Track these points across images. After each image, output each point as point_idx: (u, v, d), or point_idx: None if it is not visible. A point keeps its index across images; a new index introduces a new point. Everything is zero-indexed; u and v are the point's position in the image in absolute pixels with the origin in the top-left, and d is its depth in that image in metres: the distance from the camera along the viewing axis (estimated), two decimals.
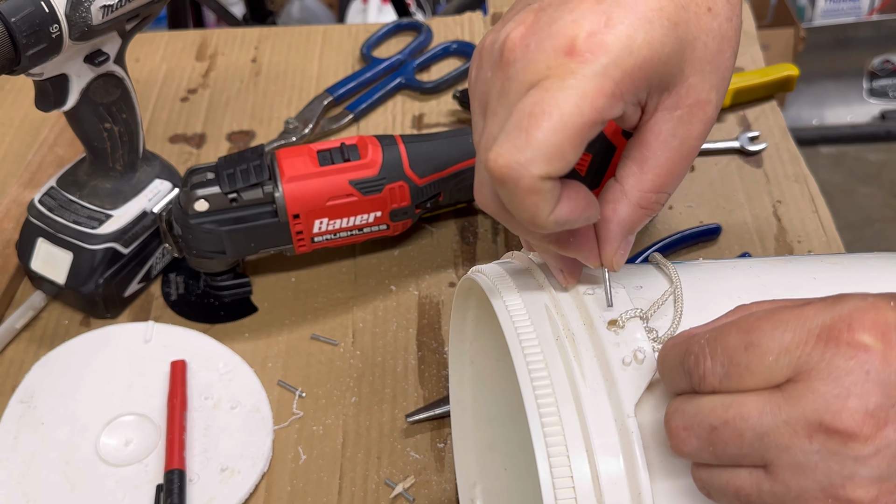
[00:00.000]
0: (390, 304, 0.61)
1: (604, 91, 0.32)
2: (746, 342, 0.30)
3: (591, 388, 0.34)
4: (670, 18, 0.33)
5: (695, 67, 0.35)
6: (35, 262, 0.59)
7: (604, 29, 0.32)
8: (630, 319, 0.36)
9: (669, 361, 0.33)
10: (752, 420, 0.30)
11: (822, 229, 0.63)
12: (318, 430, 0.55)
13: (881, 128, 1.93)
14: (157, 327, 0.59)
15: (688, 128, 0.35)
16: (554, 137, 0.31)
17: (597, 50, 0.32)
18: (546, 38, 0.33)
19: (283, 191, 0.56)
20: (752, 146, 0.68)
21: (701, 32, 0.34)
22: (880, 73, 1.94)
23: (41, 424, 0.54)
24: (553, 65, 0.32)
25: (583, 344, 0.35)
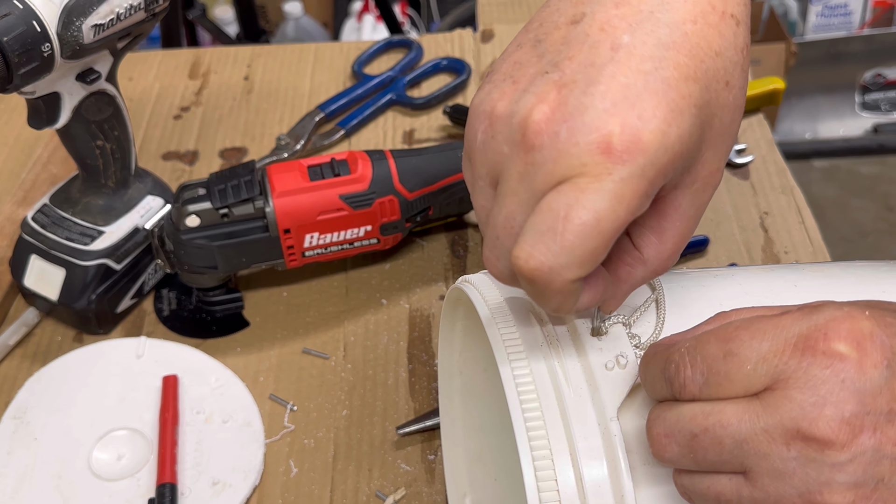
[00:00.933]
0: (381, 318, 0.62)
1: (639, 192, 0.31)
2: (725, 351, 0.31)
3: (575, 392, 0.34)
4: (696, 104, 0.33)
5: (710, 143, 0.34)
6: (28, 278, 0.59)
7: (638, 123, 0.31)
8: (613, 325, 0.36)
9: (651, 370, 0.33)
10: (731, 427, 0.30)
11: (808, 240, 0.64)
12: (310, 444, 0.55)
13: (874, 141, 1.95)
14: (150, 342, 0.60)
15: (702, 197, 0.36)
16: (590, 243, 0.31)
17: (634, 150, 0.31)
18: (578, 130, 0.31)
19: (274, 206, 0.57)
20: (739, 159, 0.69)
21: (719, 109, 0.34)
22: (872, 86, 1.95)
23: (34, 440, 0.55)
24: (588, 162, 0.31)
25: (566, 349, 0.36)
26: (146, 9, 0.53)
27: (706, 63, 0.33)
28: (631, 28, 0.33)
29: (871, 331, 0.30)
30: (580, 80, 0.32)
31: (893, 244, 1.75)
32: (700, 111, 0.33)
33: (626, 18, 0.33)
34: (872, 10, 1.93)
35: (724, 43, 0.34)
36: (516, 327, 0.37)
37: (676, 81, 0.32)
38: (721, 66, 0.34)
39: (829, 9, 1.92)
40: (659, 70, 0.32)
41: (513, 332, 0.37)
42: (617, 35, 0.33)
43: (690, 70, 0.33)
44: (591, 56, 0.33)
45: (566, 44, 0.33)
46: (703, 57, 0.33)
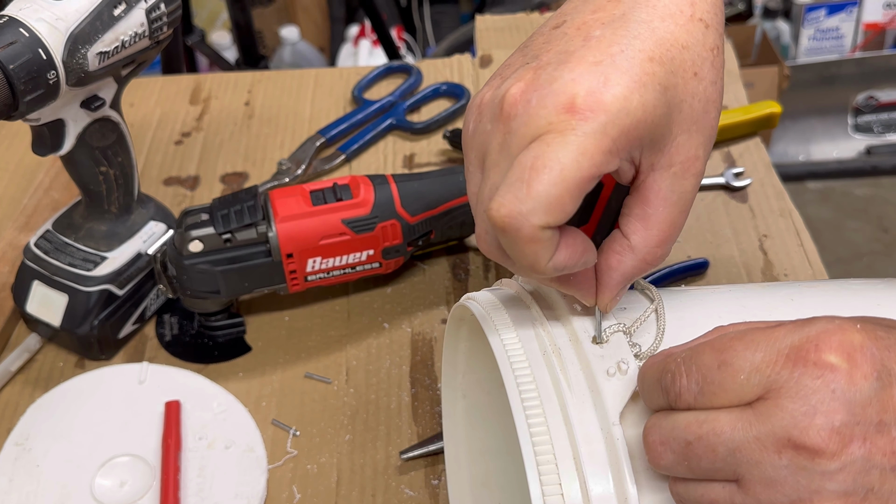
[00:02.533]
0: (383, 342, 0.62)
1: (601, 147, 0.34)
2: (720, 361, 0.32)
3: (578, 398, 0.35)
4: (661, 83, 0.35)
5: (682, 127, 0.37)
6: (31, 304, 0.59)
7: (602, 88, 0.34)
8: (614, 334, 0.37)
9: (648, 379, 0.34)
10: (724, 436, 0.31)
11: (807, 263, 0.64)
12: (313, 469, 0.55)
13: (867, 163, 1.96)
14: (152, 368, 0.59)
15: (683, 183, 0.37)
16: (554, 190, 0.33)
17: (596, 108, 0.34)
18: (547, 95, 0.34)
19: (277, 230, 0.57)
20: (737, 182, 0.70)
21: (687, 95, 0.37)
22: (865, 108, 1.97)
23: (36, 466, 0.54)
24: (554, 120, 0.34)
25: (568, 357, 0.36)
26: (150, 36, 0.54)
27: (672, 52, 0.36)
28: (603, 25, 0.36)
29: (862, 343, 0.31)
30: (553, 62, 0.36)
31: (889, 265, 1.75)
32: (665, 90, 0.36)
33: (600, 19, 0.37)
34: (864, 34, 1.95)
35: (692, 39, 0.37)
36: (518, 335, 0.38)
37: (641, 61, 0.35)
38: (688, 57, 0.37)
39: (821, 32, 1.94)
40: (625, 52, 0.35)
41: (515, 340, 0.37)
42: (590, 31, 0.36)
43: (655, 54, 0.36)
44: (565, 46, 0.36)
45: (546, 42, 0.37)
46: (669, 47, 0.36)
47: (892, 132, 1.98)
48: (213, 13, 1.91)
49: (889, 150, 1.96)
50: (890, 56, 1.91)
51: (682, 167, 0.37)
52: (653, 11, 0.37)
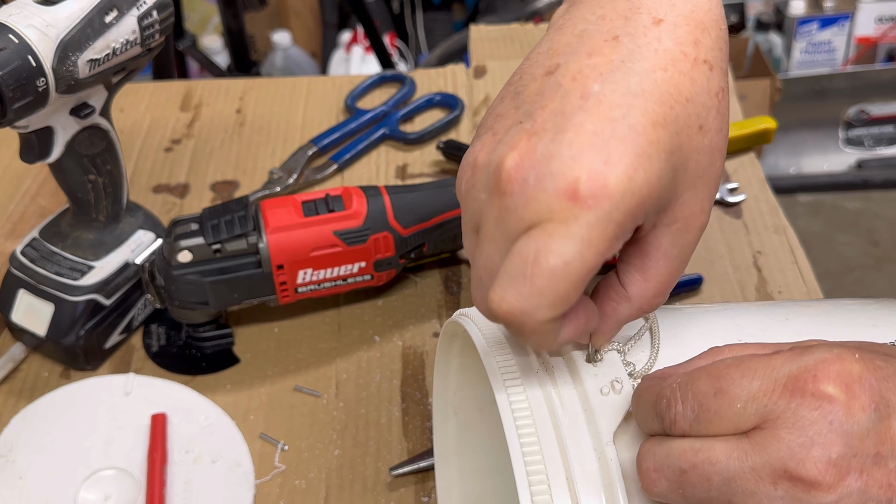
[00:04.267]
0: (374, 355, 0.61)
1: (606, 235, 0.32)
2: (716, 388, 0.31)
3: (570, 417, 0.35)
4: (666, 149, 0.33)
5: (687, 185, 0.35)
6: (16, 313, 0.58)
7: (604, 170, 0.32)
8: (608, 352, 0.37)
9: (643, 402, 0.34)
10: (719, 465, 0.31)
11: (802, 280, 0.64)
12: (301, 484, 0.54)
13: (858, 176, 1.97)
14: (138, 380, 0.59)
15: (685, 237, 0.37)
16: (559, 286, 0.32)
17: (600, 195, 0.32)
18: (546, 176, 0.32)
19: (268, 241, 0.56)
20: (731, 198, 0.70)
21: (693, 153, 0.35)
22: (856, 122, 1.98)
23: (19, 479, 0.54)
24: (555, 208, 0.32)
25: (562, 375, 0.36)
26: (142, 44, 0.53)
27: (676, 109, 0.34)
28: (602, 77, 0.34)
29: (860, 374, 0.30)
30: (550, 129, 0.33)
31: (878, 279, 1.76)
32: (671, 155, 0.34)
33: (598, 68, 0.34)
34: (856, 48, 1.96)
35: (696, 88, 0.35)
36: (512, 355, 0.37)
37: (644, 127, 0.33)
38: (693, 111, 0.35)
39: (814, 45, 1.95)
40: (627, 117, 0.33)
41: (508, 359, 0.37)
42: (588, 84, 0.34)
43: (659, 116, 0.33)
44: (561, 105, 0.34)
45: (540, 94, 0.35)
46: (673, 103, 0.34)
47: (883, 146, 1.99)
48: (205, 17, 1.90)
49: (880, 164, 1.97)
50: (881, 70, 1.92)
51: (686, 223, 0.36)
52: (654, 58, 0.34)
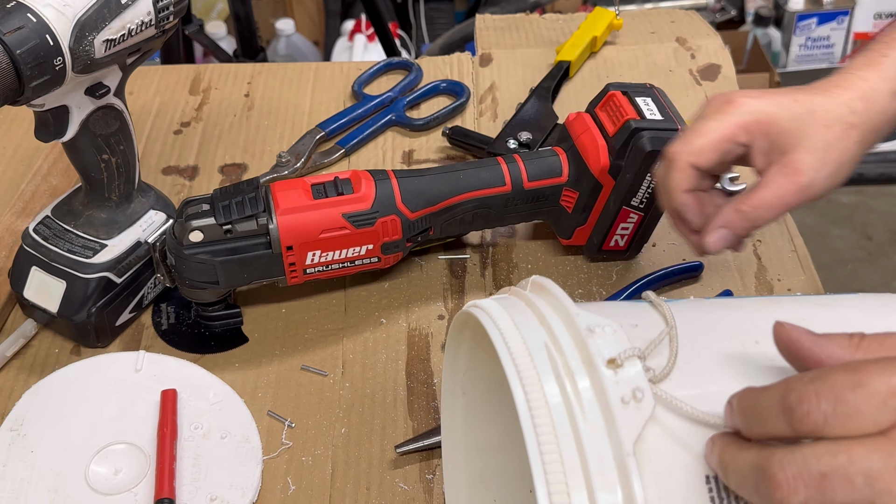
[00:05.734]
0: (380, 336, 0.62)
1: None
2: (855, 382, 0.30)
3: (591, 426, 0.34)
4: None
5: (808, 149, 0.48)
6: (28, 290, 0.59)
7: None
8: (628, 358, 0.36)
9: (761, 403, 0.32)
10: (861, 465, 0.29)
11: (800, 268, 0.64)
12: (308, 461, 0.55)
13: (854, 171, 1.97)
14: (148, 357, 0.59)
15: (783, 182, 0.49)
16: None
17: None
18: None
19: (278, 223, 0.57)
20: (732, 186, 0.70)
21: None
22: None
23: (31, 452, 0.54)
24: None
25: (582, 382, 0.36)
26: (157, 25, 0.53)
27: None
28: None
29: None
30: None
31: (872, 272, 1.77)
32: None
33: None
34: (854, 44, 1.96)
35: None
36: (531, 358, 0.37)
37: None
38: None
39: (812, 41, 1.96)
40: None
41: (527, 364, 0.36)
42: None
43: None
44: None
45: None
46: None
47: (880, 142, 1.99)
48: (209, 4, 1.89)
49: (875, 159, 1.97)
50: None
51: (792, 172, 0.50)
52: None
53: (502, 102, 0.79)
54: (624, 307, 0.41)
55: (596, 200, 0.61)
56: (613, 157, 0.59)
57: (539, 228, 0.68)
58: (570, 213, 0.62)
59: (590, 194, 0.61)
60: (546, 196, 0.62)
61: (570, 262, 0.66)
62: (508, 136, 0.71)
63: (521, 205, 0.62)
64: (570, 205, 0.62)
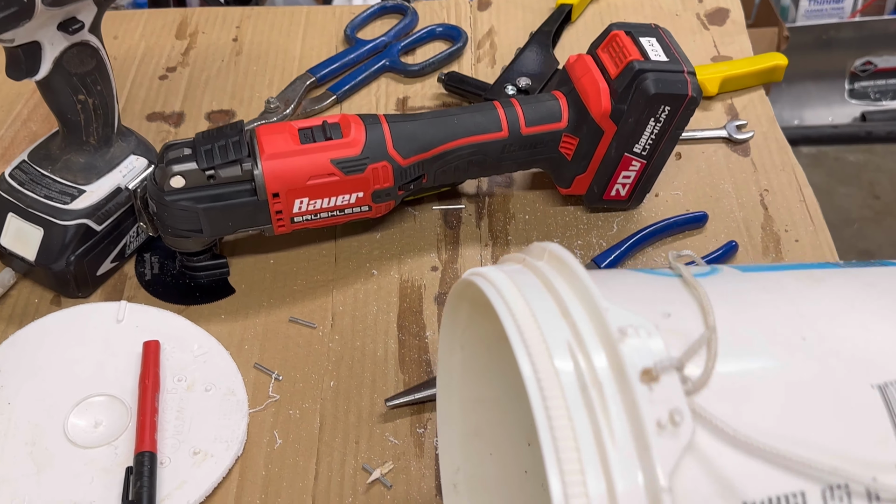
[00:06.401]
0: (371, 288, 0.60)
1: None
2: None
3: (621, 454, 0.29)
4: None
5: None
6: (5, 237, 0.57)
7: None
8: (665, 371, 0.31)
9: None
10: None
11: (809, 219, 0.62)
12: (295, 414, 0.53)
13: (861, 129, 1.94)
14: (130, 307, 0.57)
15: None
16: None
17: None
18: None
19: (263, 168, 0.54)
20: (739, 135, 0.67)
21: None
22: (861, 74, 1.94)
23: (7, 404, 0.52)
24: None
25: (611, 396, 0.30)
26: None
27: None
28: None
29: None
30: None
31: (878, 232, 1.74)
32: None
33: None
34: None
35: None
36: (552, 362, 0.31)
37: None
38: None
39: None
40: None
41: (549, 368, 0.31)
42: None
43: None
44: None
45: None
46: None
47: (888, 99, 1.95)
48: None
49: (884, 117, 1.94)
50: (889, 21, 1.88)
51: None
52: None
53: (501, 48, 0.76)
54: (650, 285, 0.36)
55: (597, 147, 0.59)
56: (615, 100, 0.56)
57: (537, 178, 0.66)
58: (569, 161, 0.60)
59: (590, 141, 0.58)
60: (544, 142, 0.59)
61: (570, 213, 0.63)
62: (506, 83, 0.69)
63: (518, 151, 0.59)
64: (570, 152, 0.59)
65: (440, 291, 0.59)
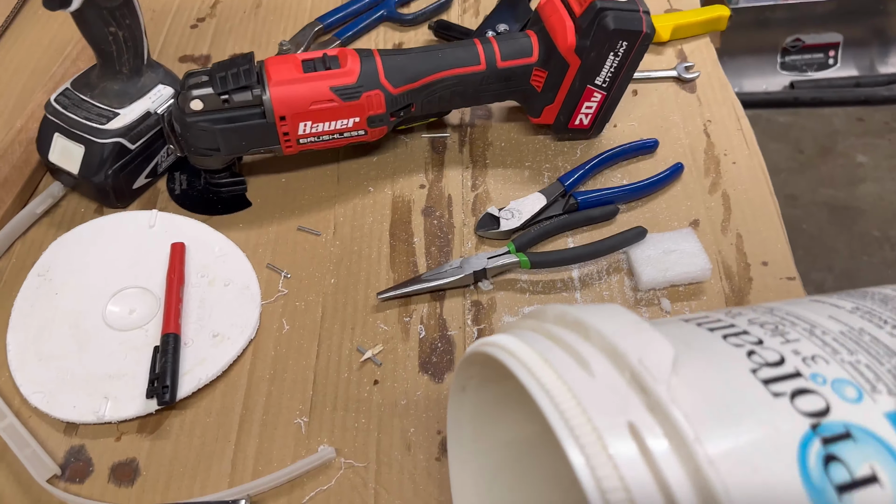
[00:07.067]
0: (368, 202, 0.56)
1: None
2: None
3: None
4: None
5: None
6: (52, 154, 0.53)
7: None
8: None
9: None
10: None
11: (745, 143, 0.58)
12: (301, 306, 0.50)
13: (790, 95, 1.87)
14: (161, 215, 0.54)
15: None
16: None
17: None
18: None
19: (270, 94, 0.50)
20: (687, 74, 0.63)
21: None
22: (792, 49, 1.87)
23: (55, 294, 0.49)
24: None
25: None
26: None
27: None
28: None
29: None
30: None
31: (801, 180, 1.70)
32: None
33: None
34: None
35: None
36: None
37: None
38: None
39: None
40: None
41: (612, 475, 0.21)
42: None
43: None
44: None
45: None
46: None
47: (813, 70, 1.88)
48: None
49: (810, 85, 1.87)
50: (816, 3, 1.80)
51: None
52: None
53: (484, 1, 0.71)
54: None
55: (563, 79, 0.54)
56: (580, 36, 0.51)
57: (512, 112, 0.61)
58: (539, 93, 0.55)
59: (558, 73, 0.54)
60: (518, 75, 0.54)
61: (539, 142, 0.59)
62: (487, 28, 0.64)
63: (495, 84, 0.55)
64: (540, 84, 0.55)
65: (427, 205, 0.55)
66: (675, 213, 0.54)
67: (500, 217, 0.53)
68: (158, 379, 0.44)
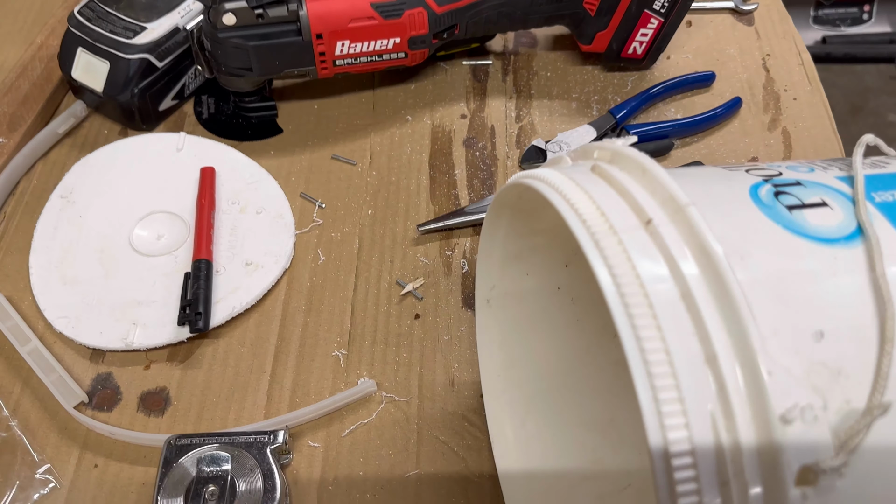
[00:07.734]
0: (405, 132, 0.53)
1: None
2: None
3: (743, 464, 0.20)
4: None
5: None
6: (76, 70, 0.50)
7: None
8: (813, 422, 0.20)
9: None
10: None
11: (806, 79, 0.54)
12: (337, 236, 0.47)
13: (822, 50, 1.81)
14: (189, 139, 0.51)
15: None
16: None
17: None
18: None
19: (308, 9, 0.46)
20: (745, 6, 0.59)
21: None
22: (826, 2, 1.80)
23: (79, 217, 0.47)
24: None
25: (737, 394, 0.20)
26: None
27: None
28: None
29: None
30: None
31: None
32: None
33: None
34: None
35: None
36: (662, 340, 0.20)
37: None
38: None
39: None
40: None
41: (668, 380, 0.20)
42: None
43: None
44: None
45: None
46: None
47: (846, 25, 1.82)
48: None
49: (841, 41, 1.81)
50: None
51: None
52: None
53: None
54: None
55: (619, 3, 0.50)
56: None
57: (559, 40, 0.58)
58: (592, 17, 0.52)
59: None
60: None
61: (588, 72, 0.56)
62: None
63: (545, 5, 0.51)
64: (594, 7, 0.51)
65: (468, 136, 0.52)
66: (732, 150, 0.50)
67: (547, 150, 0.50)
68: (191, 306, 0.42)
